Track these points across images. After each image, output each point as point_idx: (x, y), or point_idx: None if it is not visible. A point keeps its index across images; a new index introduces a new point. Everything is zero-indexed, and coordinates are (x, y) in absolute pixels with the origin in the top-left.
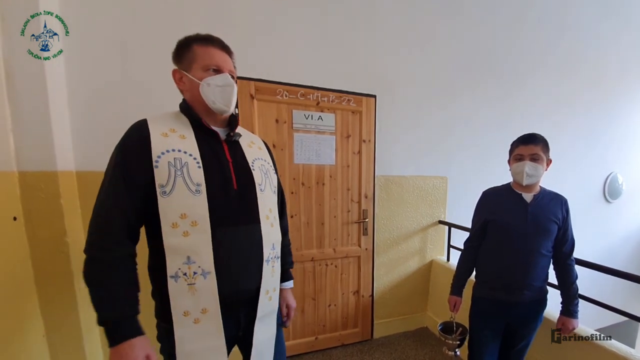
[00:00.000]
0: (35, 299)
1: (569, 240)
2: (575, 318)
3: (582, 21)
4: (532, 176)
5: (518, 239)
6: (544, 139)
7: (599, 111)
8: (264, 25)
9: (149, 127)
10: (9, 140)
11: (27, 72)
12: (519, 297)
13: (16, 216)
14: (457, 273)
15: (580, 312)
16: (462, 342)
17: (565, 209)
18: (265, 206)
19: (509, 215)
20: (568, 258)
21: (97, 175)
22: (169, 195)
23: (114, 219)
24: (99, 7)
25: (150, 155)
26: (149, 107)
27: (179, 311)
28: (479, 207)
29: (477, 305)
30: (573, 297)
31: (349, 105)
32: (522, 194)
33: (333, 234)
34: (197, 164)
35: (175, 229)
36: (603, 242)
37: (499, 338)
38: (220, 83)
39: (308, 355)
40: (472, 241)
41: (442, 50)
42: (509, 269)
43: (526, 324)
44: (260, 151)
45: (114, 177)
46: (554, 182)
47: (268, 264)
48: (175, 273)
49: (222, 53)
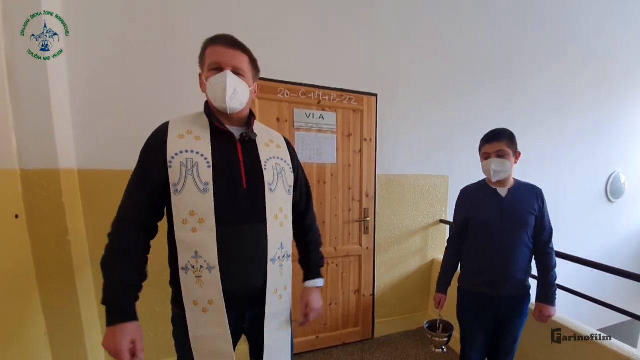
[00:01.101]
0: (36, 296)
1: (546, 228)
2: (552, 305)
3: (585, 21)
4: (500, 172)
5: (496, 233)
6: (509, 134)
7: (602, 111)
8: (266, 24)
9: (169, 129)
10: (11, 138)
11: (29, 70)
12: (502, 291)
13: (18, 214)
14: (442, 271)
15: (581, 312)
16: (449, 338)
17: (541, 199)
18: (275, 206)
19: (486, 211)
20: (547, 246)
21: (99, 174)
22: (180, 193)
23: (131, 211)
24: (102, 6)
25: (165, 156)
26: (151, 106)
27: (190, 300)
28: (458, 206)
29: (463, 298)
30: (551, 284)
31: (350, 104)
32: (497, 189)
33: (334, 232)
34: (207, 164)
35: (185, 225)
36: (604, 241)
37: (488, 329)
38: (216, 81)
39: (309, 354)
40: (454, 239)
41: (444, 49)
42: (491, 264)
43: (512, 317)
44: (279, 150)
45: (135, 175)
46: (557, 181)
47: (274, 263)
48: (185, 265)
49: (228, 50)
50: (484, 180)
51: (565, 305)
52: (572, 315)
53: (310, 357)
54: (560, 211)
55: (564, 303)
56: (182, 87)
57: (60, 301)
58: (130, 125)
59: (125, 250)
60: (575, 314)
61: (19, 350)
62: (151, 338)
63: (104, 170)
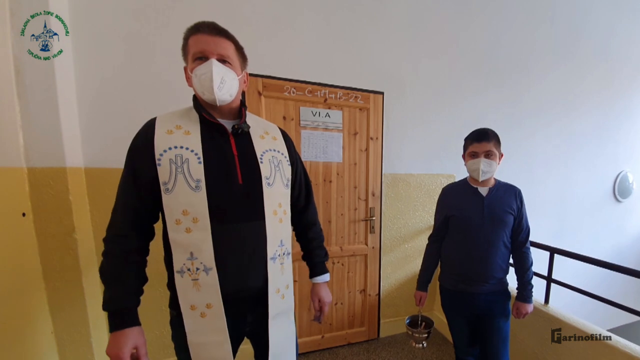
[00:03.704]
0: (43, 295)
1: (524, 229)
2: (528, 303)
3: (594, 21)
4: (487, 172)
5: (476, 232)
6: (496, 135)
7: (610, 110)
8: (272, 22)
9: (156, 125)
10: (18, 137)
11: (36, 69)
12: (479, 288)
13: (25, 212)
14: (423, 268)
15: (590, 312)
16: (429, 335)
17: (520, 199)
18: (273, 201)
19: (466, 209)
20: (523, 246)
21: (106, 172)
22: (171, 192)
23: (123, 215)
24: (111, 6)
25: (153, 154)
26: (157, 104)
27: (187, 305)
28: (439, 204)
29: (444, 295)
30: (527, 282)
31: (357, 102)
32: (478, 188)
33: (340, 232)
34: (197, 159)
35: (178, 225)
36: (613, 241)
37: (472, 327)
38: (201, 72)
39: (314, 354)
40: (434, 236)
41: (452, 49)
42: (469, 261)
43: (493, 315)
44: (275, 142)
45: (124, 177)
46: (564, 180)
47: (275, 262)
48: (181, 268)
49: (212, 37)
50: (465, 179)
51: (573, 305)
52: (580, 315)
53: (316, 356)
54: (568, 211)
55: (570, 303)
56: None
57: (67, 300)
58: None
59: (122, 256)
60: (584, 313)
61: (25, 348)
62: (157, 337)
63: (111, 169)
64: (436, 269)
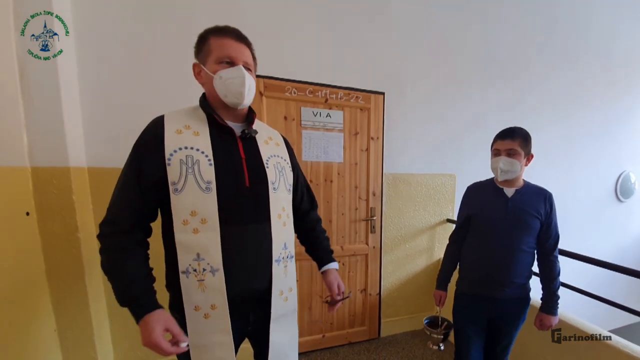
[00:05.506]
0: (47, 294)
1: (552, 235)
2: (553, 315)
3: (598, 21)
4: (508, 172)
5: (498, 233)
6: (524, 133)
7: (612, 111)
8: (273, 22)
9: (165, 124)
10: (22, 137)
11: (40, 70)
12: (499, 293)
13: (29, 211)
14: (442, 267)
15: (592, 313)
16: (446, 336)
17: (550, 203)
18: (277, 205)
19: (490, 209)
20: (551, 254)
21: (109, 172)
22: (180, 192)
23: (123, 211)
24: (113, 6)
25: (163, 153)
26: (160, 104)
27: (191, 306)
28: (463, 202)
29: (458, 301)
30: (553, 293)
31: (358, 102)
32: (504, 188)
33: (341, 231)
34: (208, 161)
35: (185, 225)
36: (614, 241)
37: (483, 333)
38: (231, 75)
39: (315, 353)
40: (455, 235)
41: (453, 48)
42: (488, 264)
43: (508, 320)
44: (278, 147)
45: (126, 173)
46: (567, 180)
47: (279, 264)
48: (186, 269)
49: (238, 44)
50: (492, 178)
51: (575, 305)
52: (582, 316)
53: (317, 356)
54: (570, 211)
55: (572, 303)
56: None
57: (70, 298)
58: (140, 124)
59: (123, 250)
60: (586, 314)
61: (28, 347)
62: None
63: (114, 168)
64: (455, 270)
